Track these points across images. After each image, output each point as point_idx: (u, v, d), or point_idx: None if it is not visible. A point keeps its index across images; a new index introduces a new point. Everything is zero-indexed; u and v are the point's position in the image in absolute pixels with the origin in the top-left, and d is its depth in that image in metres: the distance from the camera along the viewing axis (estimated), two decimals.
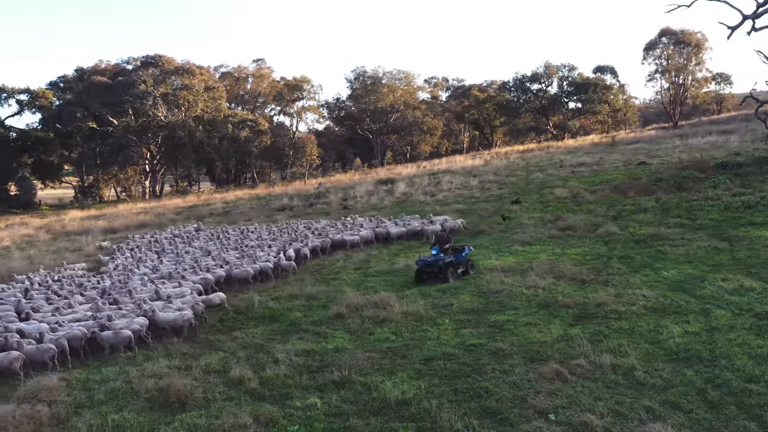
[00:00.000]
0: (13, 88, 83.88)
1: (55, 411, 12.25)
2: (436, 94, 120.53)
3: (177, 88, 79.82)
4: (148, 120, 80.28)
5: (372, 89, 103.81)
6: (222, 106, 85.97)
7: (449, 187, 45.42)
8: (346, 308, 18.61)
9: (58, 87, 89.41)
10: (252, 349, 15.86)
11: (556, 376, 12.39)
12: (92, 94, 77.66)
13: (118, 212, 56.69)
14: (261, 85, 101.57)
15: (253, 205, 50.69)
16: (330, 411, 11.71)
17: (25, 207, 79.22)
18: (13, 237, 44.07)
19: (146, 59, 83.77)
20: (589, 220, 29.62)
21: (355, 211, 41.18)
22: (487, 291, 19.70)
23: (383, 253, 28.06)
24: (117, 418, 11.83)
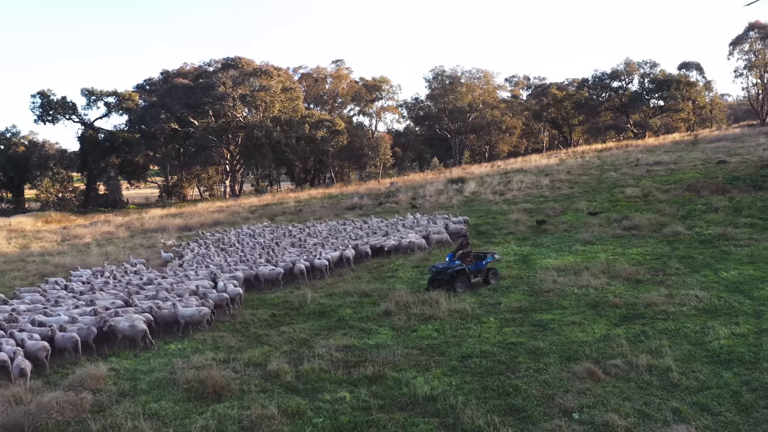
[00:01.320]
0: (101, 90, 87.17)
1: (98, 399, 12.75)
2: (516, 93, 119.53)
3: (255, 90, 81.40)
4: (228, 121, 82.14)
5: (450, 89, 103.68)
6: (299, 107, 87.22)
7: (519, 186, 44.92)
8: (395, 305, 18.74)
9: (144, 89, 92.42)
10: (295, 344, 16.15)
11: (589, 376, 12.20)
12: (174, 95, 79.96)
13: (195, 211, 58.24)
14: (339, 86, 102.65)
15: (325, 204, 51.28)
16: (357, 405, 11.84)
17: (112, 206, 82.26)
18: (95, 234, 45.84)
19: (226, 61, 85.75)
20: (655, 219, 28.92)
21: (423, 209, 41.20)
22: (538, 290, 19.54)
23: (444, 252, 28.04)
24: (155, 407, 12.26)
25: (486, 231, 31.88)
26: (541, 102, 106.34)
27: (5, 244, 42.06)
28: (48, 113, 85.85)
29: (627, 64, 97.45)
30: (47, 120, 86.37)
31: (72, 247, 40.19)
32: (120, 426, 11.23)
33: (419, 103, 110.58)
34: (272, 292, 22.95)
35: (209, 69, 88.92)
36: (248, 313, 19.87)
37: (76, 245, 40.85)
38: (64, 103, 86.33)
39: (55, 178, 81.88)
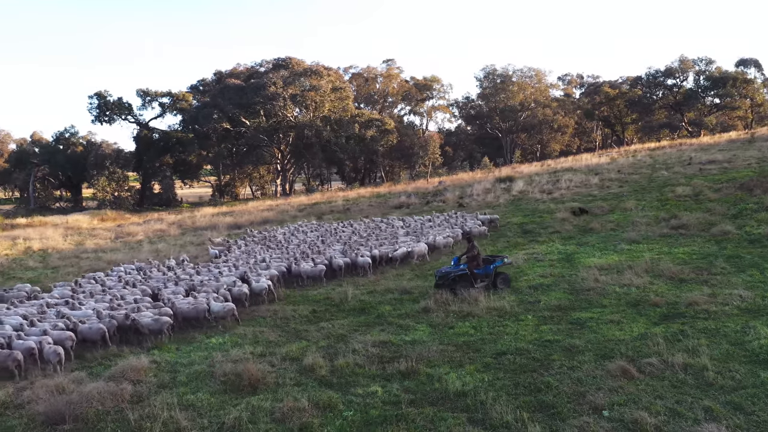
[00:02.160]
0: (156, 91, 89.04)
1: (138, 390, 13.08)
2: (569, 91, 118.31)
3: (305, 89, 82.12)
4: (278, 120, 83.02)
5: (502, 87, 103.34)
6: (349, 106, 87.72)
7: (568, 185, 44.49)
8: (434, 303, 18.81)
9: (198, 90, 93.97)
10: (333, 339, 16.31)
11: (622, 374, 12.09)
12: (226, 96, 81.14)
13: (246, 209, 59.07)
14: (390, 85, 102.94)
15: (372, 203, 51.52)
16: (388, 399, 11.93)
17: (166, 204, 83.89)
18: (147, 232, 46.86)
19: (277, 61, 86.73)
20: (705, 218, 28.41)
21: (470, 208, 41.13)
22: (579, 288, 19.38)
23: (488, 250, 28.01)
24: (191, 398, 12.54)
25: (531, 230, 31.72)
26: (594, 100, 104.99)
27: (61, 240, 43.27)
28: (105, 114, 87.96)
29: (682, 61, 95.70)
30: (104, 120, 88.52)
31: (125, 244, 41.12)
32: (156, 416, 11.50)
33: (470, 102, 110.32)
34: (315, 289, 23.19)
35: (260, 69, 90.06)
36: (289, 309, 20.12)
37: (128, 242, 41.80)
38: (120, 104, 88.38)
39: (112, 177, 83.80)
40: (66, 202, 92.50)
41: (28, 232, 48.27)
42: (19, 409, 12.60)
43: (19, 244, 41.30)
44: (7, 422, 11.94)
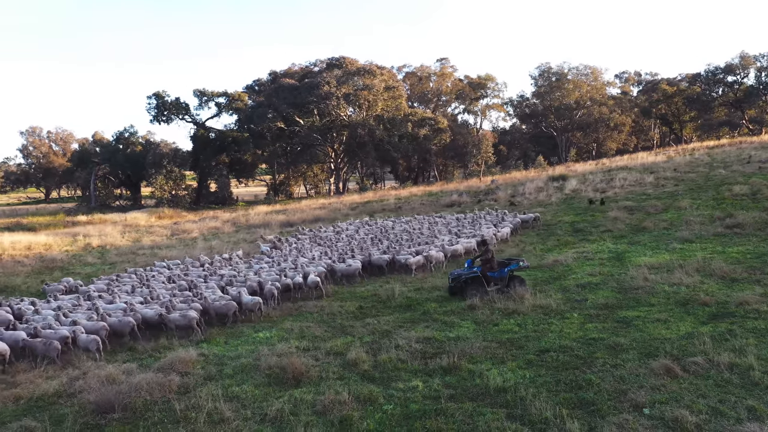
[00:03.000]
0: (212, 91, 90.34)
1: (185, 381, 13.41)
2: (626, 89, 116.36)
3: (358, 89, 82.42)
4: (332, 119, 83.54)
5: (557, 86, 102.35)
6: (402, 105, 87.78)
7: (622, 184, 43.89)
8: (479, 300, 18.80)
9: (253, 90, 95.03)
10: (378, 335, 16.45)
11: (666, 372, 11.94)
12: (281, 95, 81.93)
13: (299, 208, 59.65)
14: (443, 84, 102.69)
15: (424, 201, 51.54)
16: (429, 394, 12.01)
17: (222, 203, 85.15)
18: (202, 229, 47.72)
19: (331, 61, 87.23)
20: (761, 217, 27.82)
21: (522, 207, 40.92)
22: (627, 287, 19.15)
23: (537, 248, 27.90)
24: (236, 390, 12.81)
25: (583, 228, 31.43)
26: (651, 98, 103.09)
27: (120, 237, 44.36)
28: (162, 114, 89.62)
29: (742, 57, 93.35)
30: (162, 120, 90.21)
31: (180, 241, 41.96)
32: (202, 407, 11.78)
33: (525, 100, 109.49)
34: (362, 286, 23.41)
35: (314, 69, 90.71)
36: (337, 305, 20.35)
37: (183, 239, 42.63)
38: (178, 104, 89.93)
39: (169, 176, 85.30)
40: (125, 201, 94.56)
41: (88, 229, 49.64)
42: (71, 397, 13.03)
43: (79, 241, 42.48)
44: (60, 410, 12.35)
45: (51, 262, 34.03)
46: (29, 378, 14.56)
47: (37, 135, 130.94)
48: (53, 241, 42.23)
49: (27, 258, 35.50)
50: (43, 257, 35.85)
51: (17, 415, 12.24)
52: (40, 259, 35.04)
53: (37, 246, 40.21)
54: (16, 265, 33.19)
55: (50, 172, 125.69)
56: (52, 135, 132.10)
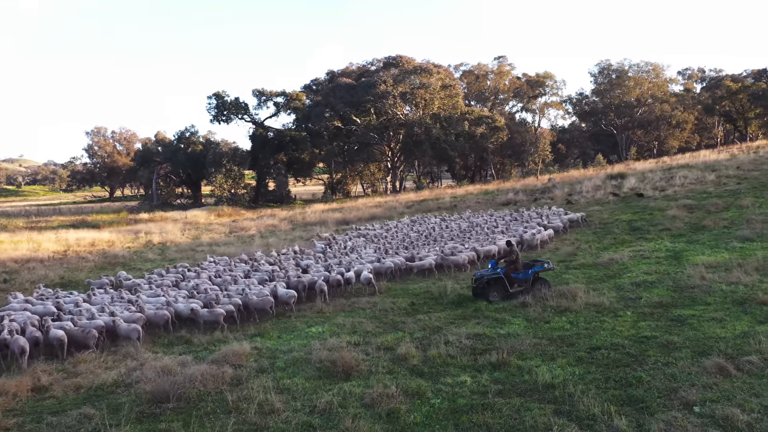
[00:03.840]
0: (271, 91, 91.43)
1: (238, 373, 13.70)
2: (689, 86, 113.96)
3: (415, 87, 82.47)
4: (388, 118, 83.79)
5: (617, 83, 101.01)
6: (458, 104, 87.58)
7: (682, 182, 43.09)
8: (531, 297, 18.75)
9: (311, 89, 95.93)
10: (429, 331, 16.53)
11: (719, 371, 11.75)
12: (337, 94, 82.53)
13: (355, 206, 60.07)
14: (501, 82, 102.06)
15: (480, 200, 51.42)
16: (477, 389, 12.05)
17: (280, 201, 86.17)
18: (259, 226, 48.46)
19: (388, 60, 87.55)
20: None
21: (579, 206, 40.53)
22: (683, 286, 18.83)
23: (593, 247, 27.62)
24: (287, 382, 13.04)
25: (640, 227, 30.98)
26: (714, 95, 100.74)
27: (180, 235, 45.31)
28: (222, 113, 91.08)
29: None
30: (222, 120, 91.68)
31: (238, 238, 42.65)
32: (253, 398, 12.03)
33: (584, 98, 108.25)
34: (415, 283, 23.54)
35: (371, 68, 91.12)
36: (389, 302, 20.49)
37: (241, 237, 43.33)
38: (237, 104, 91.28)
39: (228, 174, 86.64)
40: (186, 199, 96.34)
41: (150, 227, 50.82)
42: (129, 387, 13.43)
43: (140, 238, 43.55)
44: (118, 399, 12.74)
45: (113, 258, 34.96)
46: (90, 368, 15.04)
47: (102, 135, 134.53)
48: (116, 238, 43.39)
49: (91, 254, 36.54)
50: (106, 253, 36.85)
51: (77, 403, 12.67)
52: (103, 256, 36.02)
53: (100, 243, 41.36)
54: (80, 261, 34.21)
55: (114, 171, 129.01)
56: (116, 135, 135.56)
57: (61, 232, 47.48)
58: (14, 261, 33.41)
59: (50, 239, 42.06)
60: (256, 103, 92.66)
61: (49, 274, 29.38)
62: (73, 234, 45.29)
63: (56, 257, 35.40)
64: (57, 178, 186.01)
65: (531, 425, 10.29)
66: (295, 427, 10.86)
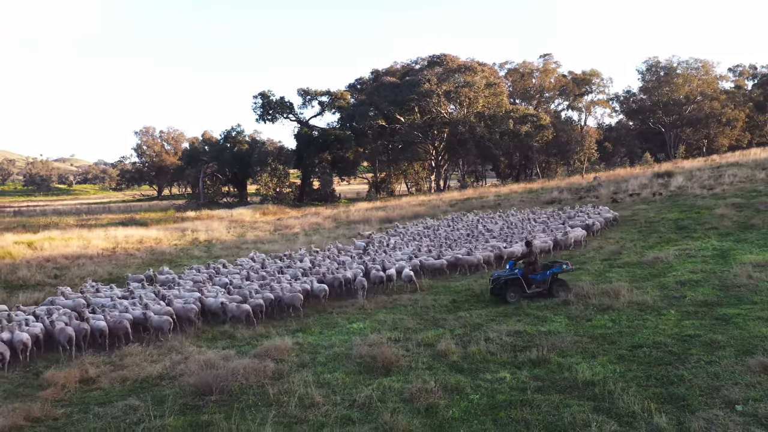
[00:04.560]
0: (316, 90, 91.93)
1: (280, 368, 13.90)
2: (741, 83, 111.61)
3: (459, 86, 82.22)
4: (432, 117, 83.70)
5: (665, 80, 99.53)
6: (503, 102, 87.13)
7: (731, 181, 42.34)
8: (574, 296, 18.62)
9: (355, 88, 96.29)
10: (469, 328, 16.56)
11: (763, 370, 11.56)
12: (382, 93, 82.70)
13: (398, 204, 60.17)
14: (546, 80, 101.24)
15: (524, 198, 51.16)
16: (516, 385, 12.05)
17: (324, 200, 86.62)
18: (304, 225, 48.82)
19: (432, 59, 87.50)
20: None
21: (624, 204, 40.12)
22: (729, 285, 18.51)
23: (638, 245, 27.30)
24: (328, 377, 13.21)
25: (687, 226, 30.53)
26: (766, 92, 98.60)
27: (225, 232, 45.84)
28: (268, 113, 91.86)
29: None
30: (267, 119, 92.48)
31: (282, 236, 43.02)
32: (294, 391, 12.20)
33: (631, 96, 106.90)
34: (457, 280, 23.58)
35: (415, 67, 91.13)
36: (430, 299, 20.58)
37: (285, 234, 43.70)
38: (282, 103, 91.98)
39: (274, 173, 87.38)
40: (232, 198, 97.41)
41: (196, 225, 51.50)
42: (173, 380, 13.72)
43: (187, 236, 44.15)
44: (162, 391, 13.03)
45: (160, 255, 35.55)
46: (135, 361, 15.39)
47: (150, 135, 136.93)
48: (163, 236, 44.07)
49: (138, 251, 37.18)
50: (153, 250, 37.47)
51: (123, 395, 12.99)
52: (151, 252, 36.63)
53: (148, 240, 42.06)
54: (128, 257, 34.84)
55: (162, 170, 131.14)
56: (164, 134, 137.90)
57: (110, 229, 48.36)
58: (65, 257, 34.15)
59: (100, 236, 42.84)
60: (301, 102, 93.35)
61: (98, 270, 29.99)
62: (121, 231, 46.11)
63: (105, 254, 36.09)
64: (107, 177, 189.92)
65: (569, 421, 10.28)
66: (334, 420, 11.00)
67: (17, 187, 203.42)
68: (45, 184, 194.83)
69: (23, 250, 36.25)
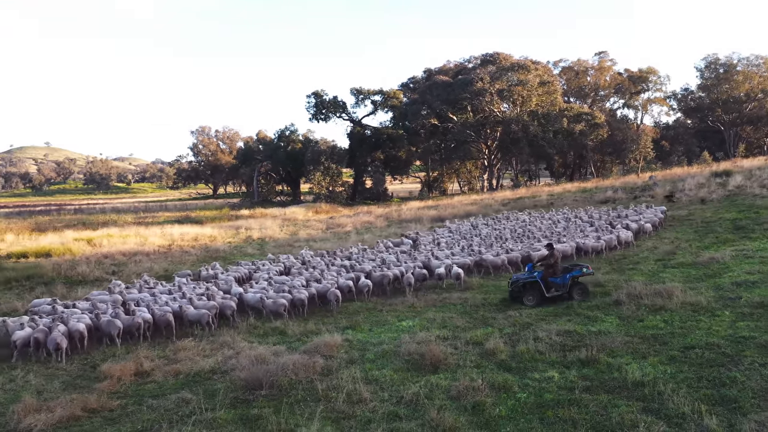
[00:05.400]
0: (369, 89, 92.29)
1: (329, 364, 14.06)
2: None
3: (512, 84, 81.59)
4: (485, 116, 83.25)
5: (725, 77, 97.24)
6: (557, 100, 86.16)
7: None
8: (626, 296, 18.38)
9: (408, 87, 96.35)
10: (519, 327, 16.52)
11: None
12: (434, 92, 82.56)
13: (450, 203, 60.09)
14: (601, 78, 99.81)
15: (577, 198, 50.64)
16: (564, 384, 11.99)
17: (376, 198, 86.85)
18: (355, 223, 49.06)
19: (485, 57, 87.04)
20: None
21: (680, 204, 39.45)
22: None
23: (693, 246, 26.84)
24: (376, 373, 13.32)
25: (745, 226, 29.90)
26: None
27: (278, 230, 46.35)
28: (321, 112, 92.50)
29: None
30: (320, 118, 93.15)
31: (334, 234, 43.33)
32: (342, 387, 12.33)
33: (689, 93, 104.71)
34: (507, 279, 23.42)
35: (468, 65, 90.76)
36: (480, 298, 20.61)
37: (337, 233, 44.00)
38: (335, 102, 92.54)
39: (326, 172, 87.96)
40: (285, 196, 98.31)
41: (250, 223, 52.18)
42: (224, 374, 13.99)
43: (241, 233, 44.78)
44: (214, 385, 13.29)
45: (214, 252, 36.11)
46: (189, 356, 15.72)
47: (206, 134, 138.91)
48: (218, 234, 44.76)
49: (193, 248, 37.84)
50: (207, 248, 38.09)
51: (176, 388, 13.30)
52: (205, 250, 37.25)
53: (203, 237, 42.76)
54: (183, 254, 35.49)
55: (218, 169, 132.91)
56: (219, 134, 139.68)
57: (167, 227, 49.28)
58: (123, 254, 34.96)
59: (156, 234, 43.72)
60: (354, 102, 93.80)
61: (153, 267, 30.65)
62: (177, 229, 46.96)
63: (161, 251, 36.83)
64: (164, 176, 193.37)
65: (617, 421, 10.20)
66: (381, 416, 11.10)
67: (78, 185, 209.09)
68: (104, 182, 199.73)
69: (83, 246, 37.23)
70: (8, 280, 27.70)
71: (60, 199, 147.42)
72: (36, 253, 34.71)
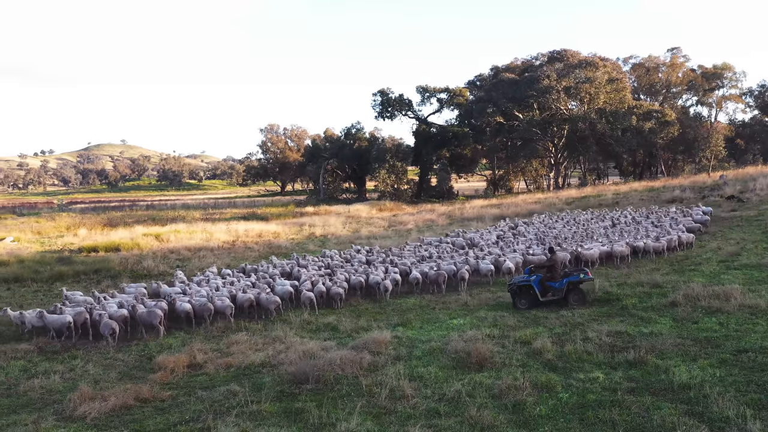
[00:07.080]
0: (434, 87, 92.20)
1: (375, 360, 14.22)
2: None
3: (580, 81, 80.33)
4: (552, 113, 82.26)
5: None
6: (626, 98, 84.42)
7: None
8: (683, 297, 18.10)
9: (474, 85, 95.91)
10: (569, 327, 16.40)
11: None
12: (500, 90, 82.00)
13: (514, 202, 59.71)
14: (673, 75, 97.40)
15: (644, 197, 49.75)
16: (608, 385, 11.88)
17: (441, 196, 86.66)
18: (417, 221, 49.22)
19: (552, 54, 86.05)
20: None
21: (750, 204, 38.41)
22: None
23: (759, 247, 26.15)
24: (421, 371, 13.42)
25: None
26: None
27: (341, 228, 46.84)
28: (387, 110, 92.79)
29: None
30: (386, 116, 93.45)
31: (395, 231, 43.59)
32: (385, 383, 12.46)
33: (767, 90, 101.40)
34: None
35: (535, 63, 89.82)
36: None
37: (399, 230, 44.24)
38: (401, 100, 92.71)
39: (392, 170, 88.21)
40: (351, 194, 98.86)
41: (314, 220, 52.79)
42: (273, 368, 14.29)
43: (304, 230, 45.41)
44: (262, 379, 13.61)
45: (276, 249, 36.70)
46: (241, 349, 16.11)
47: (274, 132, 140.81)
48: (281, 230, 45.49)
49: (256, 244, 38.54)
50: (270, 244, 38.75)
51: (226, 380, 13.67)
52: (268, 246, 37.90)
53: (267, 234, 43.51)
54: (246, 250, 36.20)
55: (285, 167, 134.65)
56: (287, 132, 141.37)
57: (232, 223, 50.23)
58: (188, 249, 35.84)
59: (222, 230, 44.64)
60: (420, 100, 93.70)
61: (216, 262, 31.31)
62: (242, 225, 47.83)
63: (225, 247, 37.64)
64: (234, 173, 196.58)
65: (658, 424, 10.08)
66: (421, 412, 11.20)
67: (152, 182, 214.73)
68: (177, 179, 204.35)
69: (151, 241, 38.34)
70: (77, 274, 28.81)
71: (134, 196, 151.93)
72: (106, 247, 35.88)
